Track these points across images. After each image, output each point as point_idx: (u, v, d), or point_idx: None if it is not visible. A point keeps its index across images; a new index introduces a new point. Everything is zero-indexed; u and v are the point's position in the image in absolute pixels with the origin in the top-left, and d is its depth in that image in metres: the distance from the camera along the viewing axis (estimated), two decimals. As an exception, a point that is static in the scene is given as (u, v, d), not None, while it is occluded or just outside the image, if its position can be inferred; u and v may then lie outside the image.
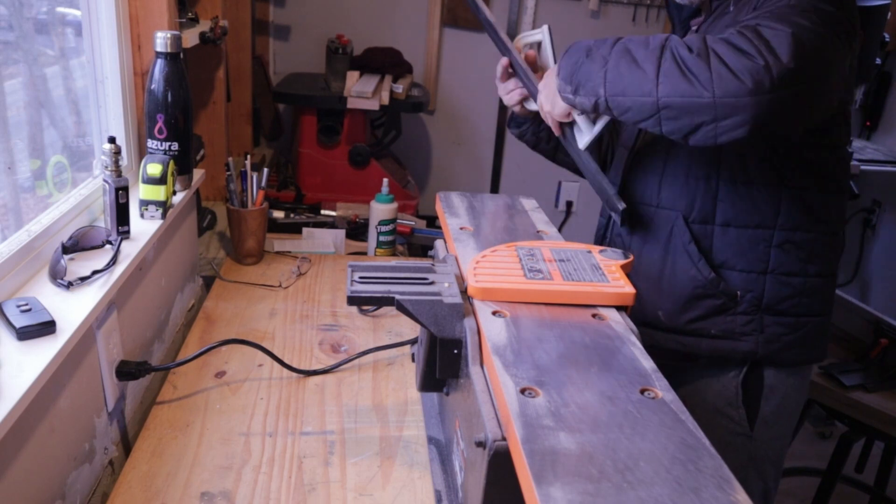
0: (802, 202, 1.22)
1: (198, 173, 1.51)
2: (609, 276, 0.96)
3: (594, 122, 1.19)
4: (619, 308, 0.93)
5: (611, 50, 1.07)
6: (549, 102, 1.18)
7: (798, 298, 1.26)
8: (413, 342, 1.28)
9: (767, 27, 1.00)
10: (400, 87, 2.56)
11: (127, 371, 1.14)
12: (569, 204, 3.40)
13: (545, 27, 1.32)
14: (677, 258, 1.26)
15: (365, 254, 1.98)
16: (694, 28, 1.31)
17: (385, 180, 1.92)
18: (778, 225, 1.22)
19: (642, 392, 0.75)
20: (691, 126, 1.04)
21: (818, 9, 1.04)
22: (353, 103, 2.47)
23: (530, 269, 0.96)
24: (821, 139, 1.19)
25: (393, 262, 1.03)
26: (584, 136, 1.20)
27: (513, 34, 3.17)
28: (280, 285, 1.65)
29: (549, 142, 1.45)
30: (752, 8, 1.13)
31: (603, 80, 1.06)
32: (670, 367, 1.28)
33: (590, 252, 1.03)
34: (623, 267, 0.99)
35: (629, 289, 0.93)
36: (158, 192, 1.26)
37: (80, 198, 1.21)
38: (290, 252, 1.85)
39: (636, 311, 1.29)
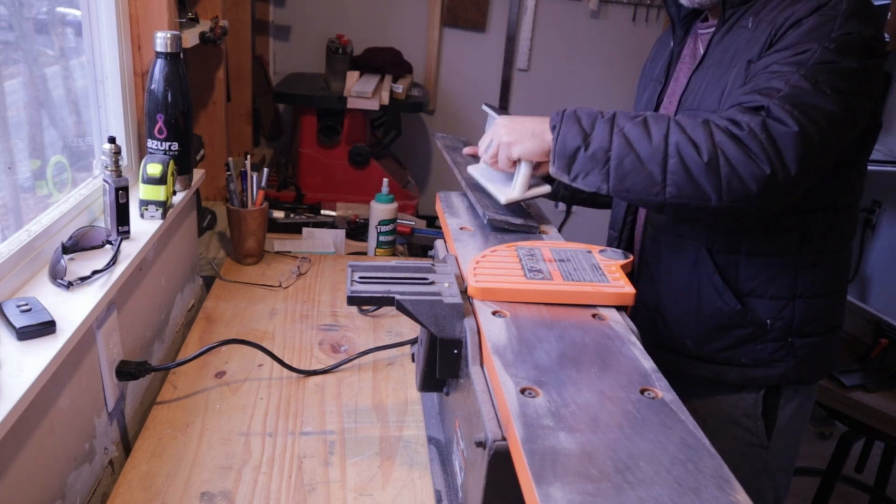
0: (827, 224, 1.19)
1: (198, 173, 1.51)
2: (609, 276, 0.96)
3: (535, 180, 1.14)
4: (619, 308, 0.93)
5: (610, 140, 1.02)
6: (491, 155, 1.14)
7: (825, 317, 1.24)
8: (413, 342, 1.28)
9: (777, 122, 0.99)
10: (400, 87, 2.56)
11: (127, 371, 1.14)
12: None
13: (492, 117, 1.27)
14: (703, 289, 1.22)
15: (365, 254, 1.98)
16: (703, 33, 1.26)
17: (385, 180, 1.92)
18: (804, 249, 1.19)
19: (642, 392, 0.75)
20: (691, 218, 1.13)
21: (839, 71, 1.02)
22: (353, 103, 2.47)
23: (530, 269, 0.96)
24: (847, 166, 1.17)
25: (393, 262, 1.03)
26: (513, 192, 1.13)
27: (513, 34, 3.17)
28: (280, 285, 1.65)
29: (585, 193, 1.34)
30: (769, 41, 1.08)
31: (606, 178, 1.03)
32: (690, 380, 1.24)
33: (590, 252, 1.03)
34: (623, 267, 0.99)
35: (629, 289, 0.93)
36: (158, 192, 1.26)
37: (80, 198, 1.21)
38: (290, 252, 1.85)
39: (664, 338, 1.27)
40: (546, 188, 1.13)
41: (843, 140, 1.06)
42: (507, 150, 1.11)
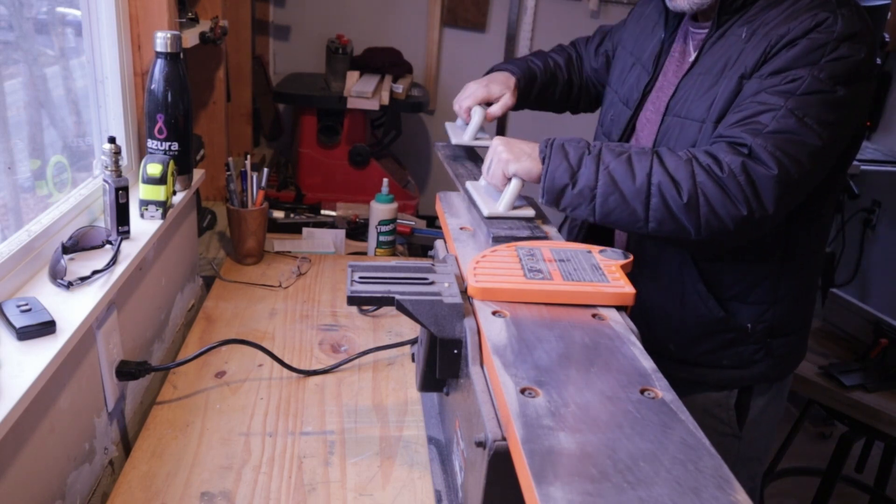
0: (808, 230, 1.21)
1: (198, 173, 1.51)
2: (609, 276, 0.96)
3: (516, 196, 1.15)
4: (619, 308, 0.93)
5: (596, 178, 1.06)
6: (490, 174, 1.17)
7: (800, 316, 1.28)
8: (413, 342, 1.28)
9: (758, 164, 1.02)
10: (400, 87, 2.56)
11: (127, 371, 1.14)
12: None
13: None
14: (687, 296, 1.24)
15: (365, 254, 1.98)
16: (694, 32, 1.24)
17: (385, 180, 1.92)
18: (786, 256, 1.21)
19: (642, 392, 0.75)
20: (673, 243, 1.20)
21: (828, 102, 1.03)
22: (353, 103, 2.47)
23: (530, 269, 0.96)
24: (830, 177, 1.17)
25: (393, 262, 1.03)
26: (498, 206, 1.15)
27: (513, 34, 3.17)
28: (280, 285, 1.65)
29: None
30: (763, 57, 1.08)
31: (592, 212, 1.08)
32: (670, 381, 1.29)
33: (590, 252, 1.03)
34: (623, 267, 0.99)
35: (629, 289, 0.93)
36: (158, 192, 1.26)
37: (80, 198, 1.21)
38: (290, 252, 1.85)
39: (647, 342, 1.28)
40: (530, 212, 1.15)
41: (824, 170, 1.10)
42: (503, 165, 1.13)
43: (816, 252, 1.27)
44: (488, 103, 1.40)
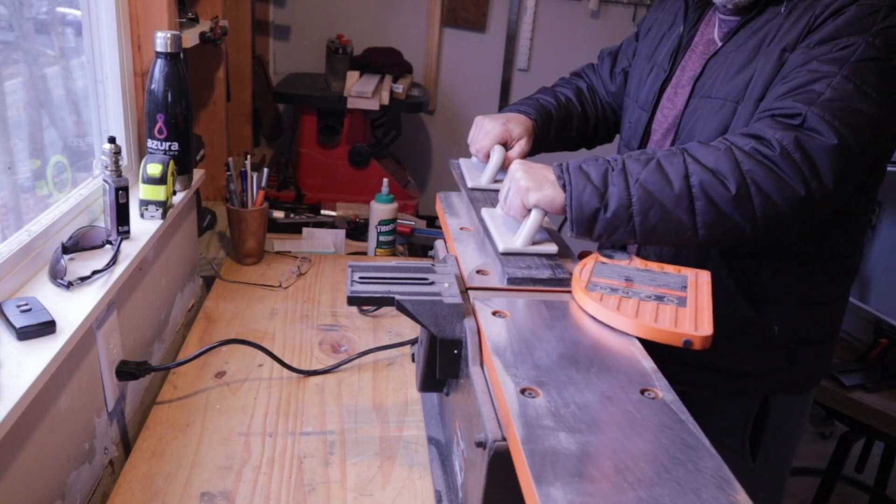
0: (843, 227, 1.13)
1: (198, 173, 1.51)
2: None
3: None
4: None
5: (629, 195, 0.94)
6: (507, 204, 1.04)
7: (828, 323, 1.19)
8: (413, 342, 1.28)
9: (814, 135, 0.92)
10: (400, 87, 2.56)
11: (127, 371, 1.14)
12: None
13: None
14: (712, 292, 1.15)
15: (365, 254, 1.98)
16: (725, 19, 1.16)
17: (385, 180, 1.92)
18: (821, 254, 1.13)
19: (642, 392, 0.75)
20: (729, 247, 1.08)
21: (884, 70, 0.95)
22: (353, 103, 2.47)
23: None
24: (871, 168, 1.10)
25: (393, 262, 1.03)
26: (516, 241, 1.01)
27: (513, 34, 3.17)
28: (280, 285, 1.65)
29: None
30: (807, 28, 1.01)
31: (632, 233, 0.95)
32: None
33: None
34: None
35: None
36: (158, 192, 1.26)
37: (80, 198, 1.21)
38: (290, 252, 1.85)
39: (658, 346, 1.17)
40: (552, 248, 1.01)
41: (881, 145, 1.01)
42: (522, 195, 1.00)
43: (851, 254, 1.17)
44: (504, 143, 1.27)
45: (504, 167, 1.23)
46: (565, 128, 1.39)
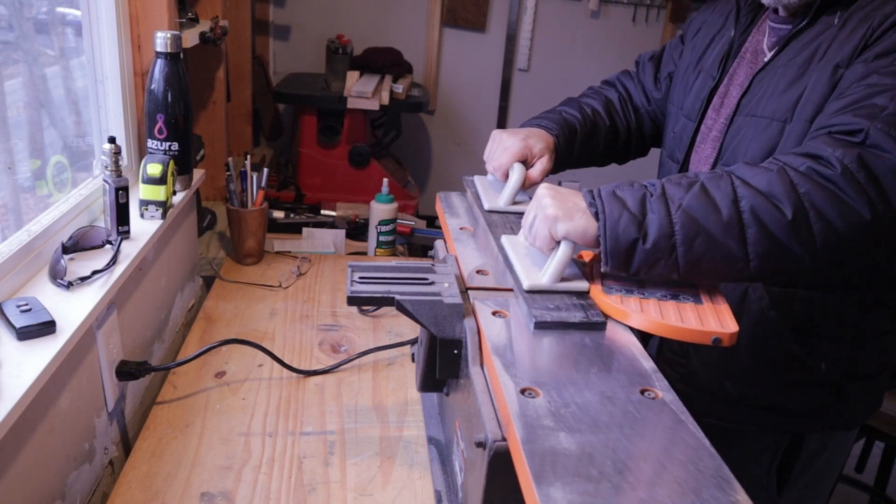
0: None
1: (198, 173, 1.51)
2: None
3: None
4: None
5: (671, 223, 0.84)
6: (533, 234, 0.92)
7: (880, 357, 1.10)
8: (413, 342, 1.28)
9: (879, 152, 0.84)
10: (400, 87, 2.56)
11: (127, 371, 1.14)
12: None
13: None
14: (753, 324, 1.06)
15: (365, 254, 1.98)
16: (776, 28, 1.09)
17: (385, 180, 1.92)
18: (872, 284, 1.04)
19: (642, 392, 0.75)
20: (784, 283, 0.99)
21: None
22: (353, 103, 2.47)
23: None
24: None
25: (393, 262, 1.03)
26: (543, 277, 0.90)
27: (513, 34, 3.17)
28: (280, 285, 1.65)
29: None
30: (863, 42, 0.94)
31: (675, 267, 0.85)
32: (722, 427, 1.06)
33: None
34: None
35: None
36: (158, 192, 1.26)
37: (80, 198, 1.21)
38: (290, 252, 1.85)
39: (697, 377, 1.06)
40: (584, 286, 0.90)
41: None
42: (550, 224, 0.88)
43: None
44: (524, 160, 1.17)
45: (524, 187, 1.15)
46: (591, 142, 1.29)
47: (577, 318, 0.85)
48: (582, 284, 0.91)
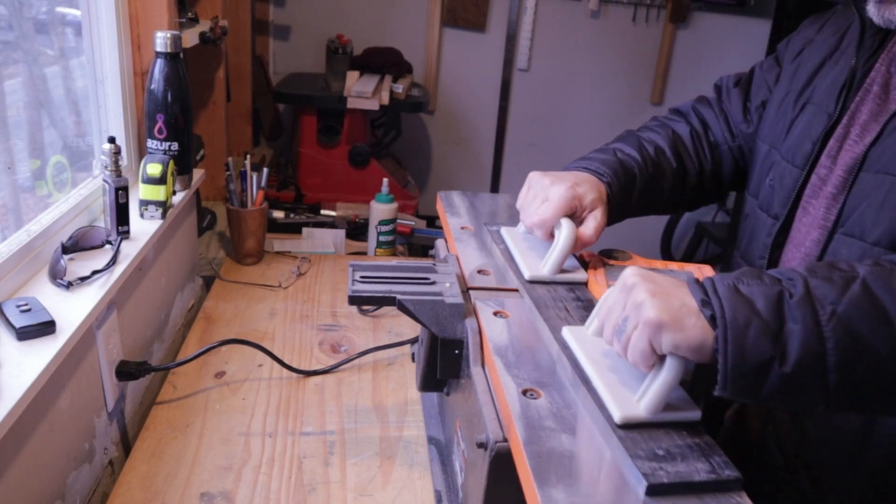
0: None
1: (198, 173, 1.51)
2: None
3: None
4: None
5: (821, 336, 0.61)
6: (628, 347, 0.68)
7: None
8: (413, 342, 1.28)
9: None
10: (400, 87, 2.56)
11: (127, 371, 1.14)
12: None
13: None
14: (876, 426, 0.84)
15: (365, 254, 1.98)
16: None
17: (385, 180, 1.92)
18: None
19: (644, 393, 0.74)
20: None
21: None
22: (353, 103, 2.47)
23: None
24: None
25: (394, 261, 1.03)
26: (641, 402, 0.67)
27: (513, 34, 3.17)
28: (280, 285, 1.65)
29: None
30: None
31: (824, 398, 0.63)
32: None
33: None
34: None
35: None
36: (158, 192, 1.26)
37: (80, 198, 1.21)
38: (290, 252, 1.84)
39: (813, 500, 0.87)
40: (696, 415, 0.68)
41: None
42: (652, 333, 0.65)
43: None
44: (572, 213, 0.94)
45: (574, 249, 0.93)
46: (654, 189, 1.06)
47: (702, 477, 0.60)
48: (693, 413, 0.68)
